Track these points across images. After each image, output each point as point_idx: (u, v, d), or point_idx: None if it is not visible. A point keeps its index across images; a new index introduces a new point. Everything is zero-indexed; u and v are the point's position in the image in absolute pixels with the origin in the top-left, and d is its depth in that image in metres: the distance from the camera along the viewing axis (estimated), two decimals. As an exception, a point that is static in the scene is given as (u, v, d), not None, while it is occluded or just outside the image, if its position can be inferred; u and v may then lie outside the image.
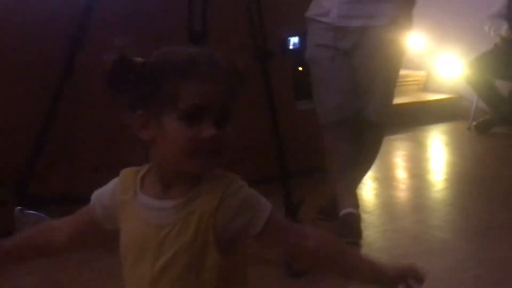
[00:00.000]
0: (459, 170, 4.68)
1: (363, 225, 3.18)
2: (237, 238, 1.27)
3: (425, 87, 6.66)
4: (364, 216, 3.34)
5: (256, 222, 1.25)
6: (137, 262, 1.26)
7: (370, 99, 3.18)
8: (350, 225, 3.13)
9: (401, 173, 4.73)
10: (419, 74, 6.58)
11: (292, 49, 3.59)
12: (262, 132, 3.16)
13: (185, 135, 1.20)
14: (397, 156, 5.05)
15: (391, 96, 3.29)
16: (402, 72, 3.50)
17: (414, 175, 4.58)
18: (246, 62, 1.34)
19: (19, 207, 2.67)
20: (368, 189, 4.00)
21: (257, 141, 4.02)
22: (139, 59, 1.24)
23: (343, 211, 3.18)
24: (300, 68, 3.46)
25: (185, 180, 1.24)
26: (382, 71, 3.16)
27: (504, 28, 5.60)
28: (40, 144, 2.88)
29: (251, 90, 3.48)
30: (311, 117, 3.39)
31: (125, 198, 1.29)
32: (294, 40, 3.52)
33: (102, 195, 1.34)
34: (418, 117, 5.90)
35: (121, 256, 1.31)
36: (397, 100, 3.94)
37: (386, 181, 4.30)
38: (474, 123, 5.79)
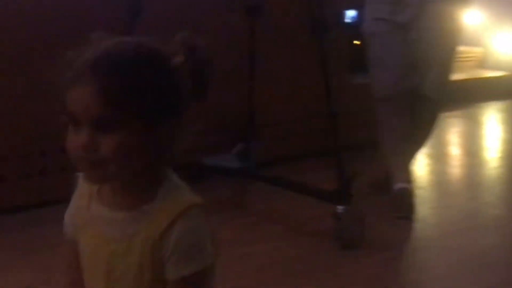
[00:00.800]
0: (515, 148, 4.63)
1: (415, 201, 3.18)
2: None
3: (482, 63, 6.56)
4: (417, 192, 3.33)
5: (176, 269, 1.12)
6: (92, 276, 1.18)
7: (427, 74, 3.16)
8: (403, 200, 3.13)
9: (455, 150, 4.69)
10: (476, 51, 6.49)
11: (349, 22, 3.59)
12: (316, 105, 3.17)
13: (67, 143, 1.11)
14: (452, 133, 5.00)
15: (448, 72, 3.26)
16: (459, 48, 3.46)
17: (469, 152, 4.53)
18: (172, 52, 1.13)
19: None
20: (422, 165, 3.98)
21: (310, 114, 4.03)
22: None
23: (397, 186, 3.18)
24: (356, 42, 3.46)
25: (137, 188, 1.14)
26: (440, 46, 3.13)
27: None
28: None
29: (306, 63, 3.49)
30: (365, 90, 3.38)
31: (81, 204, 1.19)
32: (351, 14, 3.52)
33: (68, 209, 1.24)
34: (474, 94, 5.83)
35: (83, 268, 1.21)
36: (453, 77, 3.90)
37: (440, 158, 4.27)
38: (531, 101, 5.70)
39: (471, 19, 5.40)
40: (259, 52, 3.50)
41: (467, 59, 6.35)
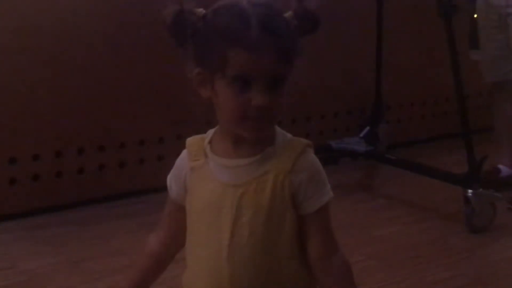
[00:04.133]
0: None
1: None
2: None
3: None
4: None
5: (313, 202, 1.22)
6: (214, 225, 1.22)
7: None
8: None
9: None
10: None
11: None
12: (445, 88, 3.14)
13: (233, 102, 1.16)
14: None
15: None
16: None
17: None
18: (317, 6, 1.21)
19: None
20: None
21: (439, 96, 4.00)
22: (200, 11, 1.20)
23: None
24: (476, 16, 3.38)
25: (257, 138, 1.21)
26: None
27: None
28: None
29: (434, 44, 3.44)
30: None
31: (195, 164, 1.25)
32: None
33: (173, 173, 1.31)
34: None
35: (191, 225, 1.27)
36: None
37: None
38: None
39: None
40: (386, 34, 3.50)
41: None
